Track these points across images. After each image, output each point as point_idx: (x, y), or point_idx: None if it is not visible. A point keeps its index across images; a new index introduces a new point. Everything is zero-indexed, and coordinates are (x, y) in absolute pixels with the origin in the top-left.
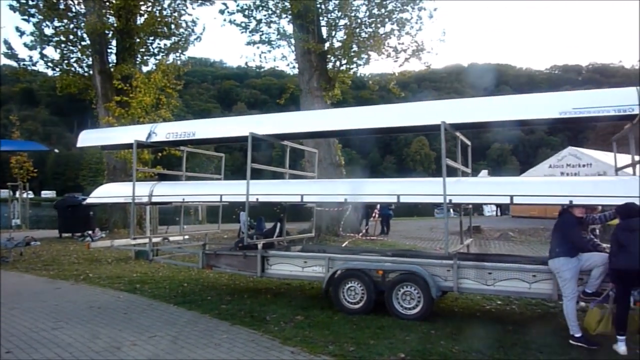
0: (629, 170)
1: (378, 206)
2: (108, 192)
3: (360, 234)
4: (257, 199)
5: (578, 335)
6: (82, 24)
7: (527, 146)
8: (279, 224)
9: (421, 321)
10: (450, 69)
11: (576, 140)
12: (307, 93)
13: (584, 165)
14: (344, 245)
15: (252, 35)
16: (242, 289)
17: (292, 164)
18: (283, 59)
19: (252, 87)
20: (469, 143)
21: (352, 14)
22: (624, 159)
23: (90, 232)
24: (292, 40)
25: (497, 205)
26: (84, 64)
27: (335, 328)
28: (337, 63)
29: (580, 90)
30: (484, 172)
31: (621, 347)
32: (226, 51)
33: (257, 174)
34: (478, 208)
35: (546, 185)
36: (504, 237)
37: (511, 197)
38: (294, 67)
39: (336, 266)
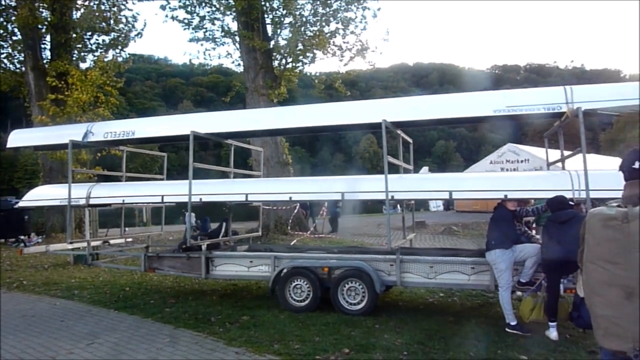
0: (560, 164)
1: (325, 204)
2: (42, 195)
3: (309, 232)
4: (201, 199)
5: (513, 323)
6: (13, 18)
7: (470, 143)
8: (224, 224)
9: (366, 316)
10: (397, 68)
11: (516, 138)
12: (253, 91)
13: (522, 161)
14: (292, 243)
15: (196, 32)
16: (186, 291)
17: (242, 163)
18: (228, 56)
19: (199, 84)
20: (410, 141)
21: (297, 12)
22: (555, 154)
23: (24, 237)
24: (237, 38)
25: (443, 200)
26: (16, 60)
27: (281, 327)
28: (283, 61)
29: (518, 89)
30: (425, 168)
31: (552, 333)
32: (171, 48)
33: (206, 174)
34: (424, 204)
35: (482, 180)
36: (448, 231)
37: (450, 192)
38: (239, 65)
39: (282, 265)
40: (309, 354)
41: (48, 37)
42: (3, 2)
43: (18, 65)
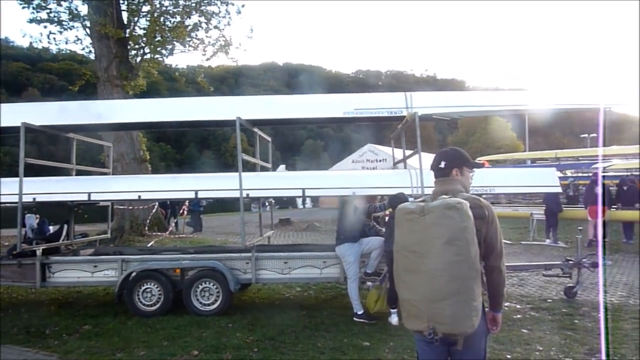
0: (414, 162)
1: (187, 202)
2: None
3: (168, 232)
4: (34, 198)
5: (360, 312)
6: None
7: (336, 143)
8: (65, 227)
9: (220, 316)
10: (267, 66)
11: (377, 138)
12: (106, 81)
13: (380, 161)
14: (149, 245)
15: (38, 12)
16: (20, 302)
17: (95, 158)
18: (78, 42)
19: (48, 71)
20: (269, 139)
21: (157, 2)
22: (401, 154)
23: None
24: (87, 23)
25: (310, 197)
26: None
27: (126, 334)
28: (140, 51)
29: (377, 92)
30: (282, 167)
31: (394, 319)
32: (13, 28)
33: (47, 172)
34: (293, 201)
35: (333, 178)
36: (311, 227)
37: (303, 190)
38: (90, 52)
39: (130, 268)
40: None
41: None
42: None
43: None
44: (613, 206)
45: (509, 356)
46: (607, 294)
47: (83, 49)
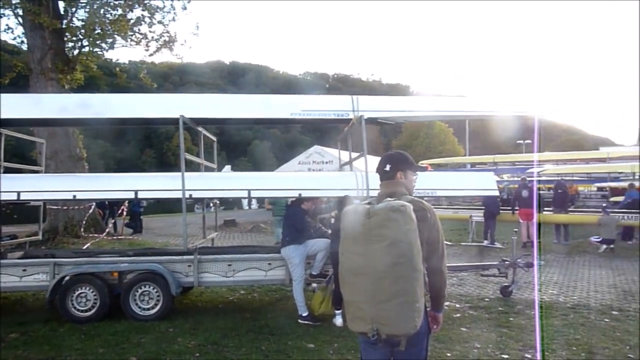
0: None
1: (126, 203)
2: None
3: (105, 234)
4: None
5: (305, 314)
6: None
7: (283, 144)
8: None
9: (160, 321)
10: (213, 65)
11: (323, 140)
12: (39, 74)
13: (327, 162)
14: (85, 247)
15: None
16: None
17: (27, 155)
18: (8, 31)
19: None
20: (214, 139)
21: None
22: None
23: None
24: (20, 11)
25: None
26: None
27: (58, 341)
28: (78, 44)
29: (323, 95)
30: (227, 167)
31: (338, 320)
32: None
33: None
34: (238, 202)
35: (279, 179)
36: (256, 229)
37: (248, 191)
38: (22, 43)
39: (64, 272)
40: None
41: None
42: None
43: None
44: (546, 209)
45: (448, 354)
46: (540, 292)
47: (14, 38)
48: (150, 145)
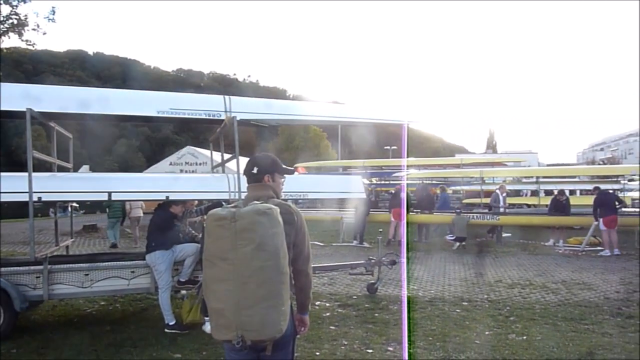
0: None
1: None
2: None
3: None
4: None
5: (172, 323)
6: None
7: (153, 143)
8: None
9: (2, 341)
10: (74, 54)
11: (198, 140)
12: None
13: (200, 164)
14: None
15: None
16: None
17: None
18: None
19: None
20: (70, 136)
21: None
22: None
23: None
24: None
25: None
26: None
27: None
28: None
29: (195, 93)
30: (85, 167)
31: (207, 327)
32: None
33: None
34: (101, 206)
35: (144, 181)
36: (121, 234)
37: (109, 193)
38: None
39: None
40: None
41: None
42: None
43: None
44: (413, 210)
45: (317, 353)
46: (402, 288)
47: None
48: None
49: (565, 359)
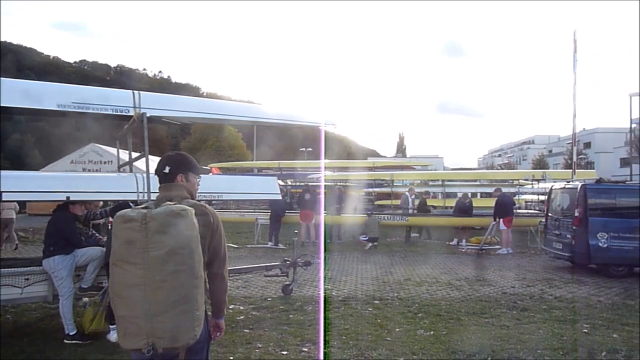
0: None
1: None
2: None
3: None
4: None
5: (72, 332)
6: None
7: (52, 140)
8: None
9: None
10: None
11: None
12: None
13: (105, 162)
14: None
15: None
16: None
17: None
18: None
19: None
20: None
21: None
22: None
23: None
24: None
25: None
26: None
27: None
28: None
29: (101, 87)
30: None
31: (113, 336)
32: None
33: None
34: None
35: (44, 180)
36: (12, 238)
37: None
38: None
39: None
40: None
41: None
42: None
43: None
44: (325, 211)
45: (231, 357)
46: (316, 288)
47: None
48: None
49: (468, 352)
